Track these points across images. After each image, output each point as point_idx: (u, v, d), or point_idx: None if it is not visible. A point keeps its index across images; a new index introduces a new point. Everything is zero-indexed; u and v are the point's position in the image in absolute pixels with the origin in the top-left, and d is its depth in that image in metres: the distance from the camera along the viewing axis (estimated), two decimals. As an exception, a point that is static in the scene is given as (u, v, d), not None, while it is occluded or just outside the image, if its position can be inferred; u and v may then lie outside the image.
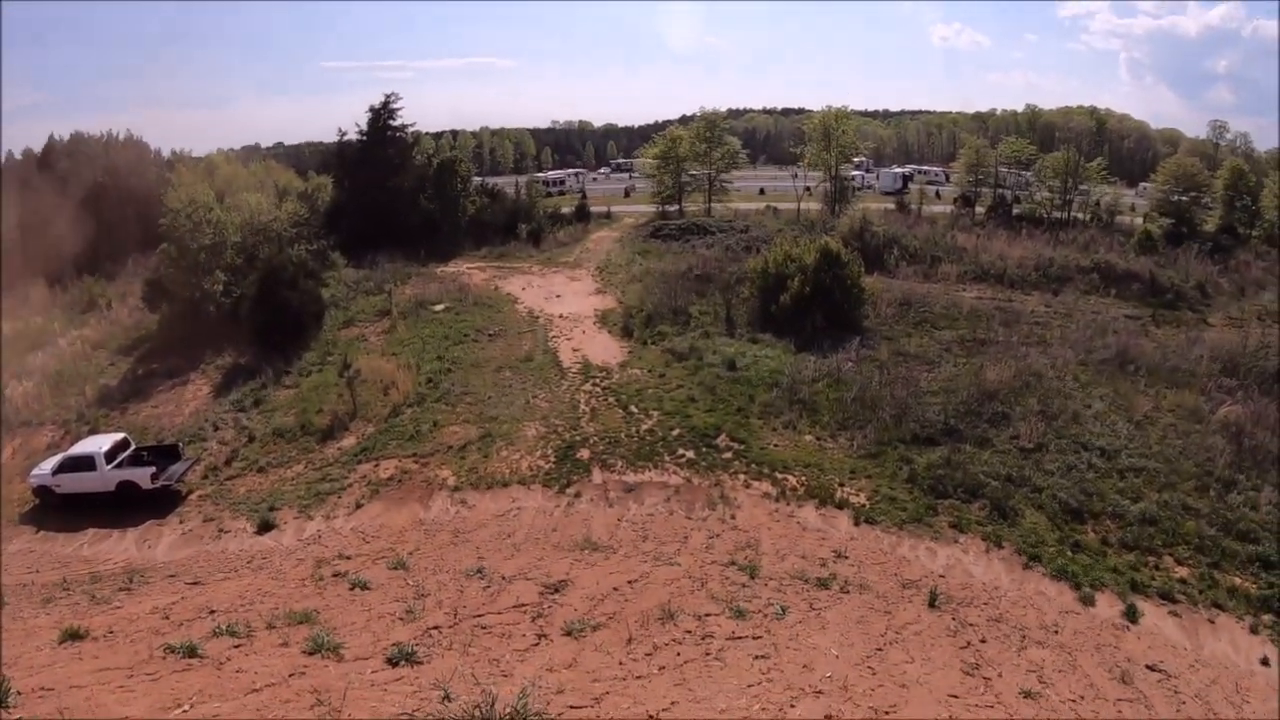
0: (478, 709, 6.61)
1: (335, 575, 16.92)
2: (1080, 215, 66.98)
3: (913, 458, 26.31)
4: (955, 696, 11.80)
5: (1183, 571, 21.29)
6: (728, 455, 26.75)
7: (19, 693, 8.03)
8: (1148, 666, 16.16)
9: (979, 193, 71.73)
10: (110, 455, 27.33)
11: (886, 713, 10.22)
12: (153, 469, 27.05)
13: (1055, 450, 26.58)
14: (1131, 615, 19.14)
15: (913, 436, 27.55)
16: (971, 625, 16.43)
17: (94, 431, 30.82)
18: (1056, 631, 17.32)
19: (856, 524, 23.08)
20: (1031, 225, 64.17)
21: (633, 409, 29.80)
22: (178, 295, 40.27)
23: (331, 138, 64.30)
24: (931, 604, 17.40)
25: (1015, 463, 25.82)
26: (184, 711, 7.82)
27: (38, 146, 75.43)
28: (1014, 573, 20.86)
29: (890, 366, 33.38)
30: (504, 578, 15.73)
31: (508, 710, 6.57)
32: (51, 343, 40.44)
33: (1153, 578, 20.86)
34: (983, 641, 15.48)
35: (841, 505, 23.94)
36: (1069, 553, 21.71)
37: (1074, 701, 13.25)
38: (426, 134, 73.28)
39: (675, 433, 27.99)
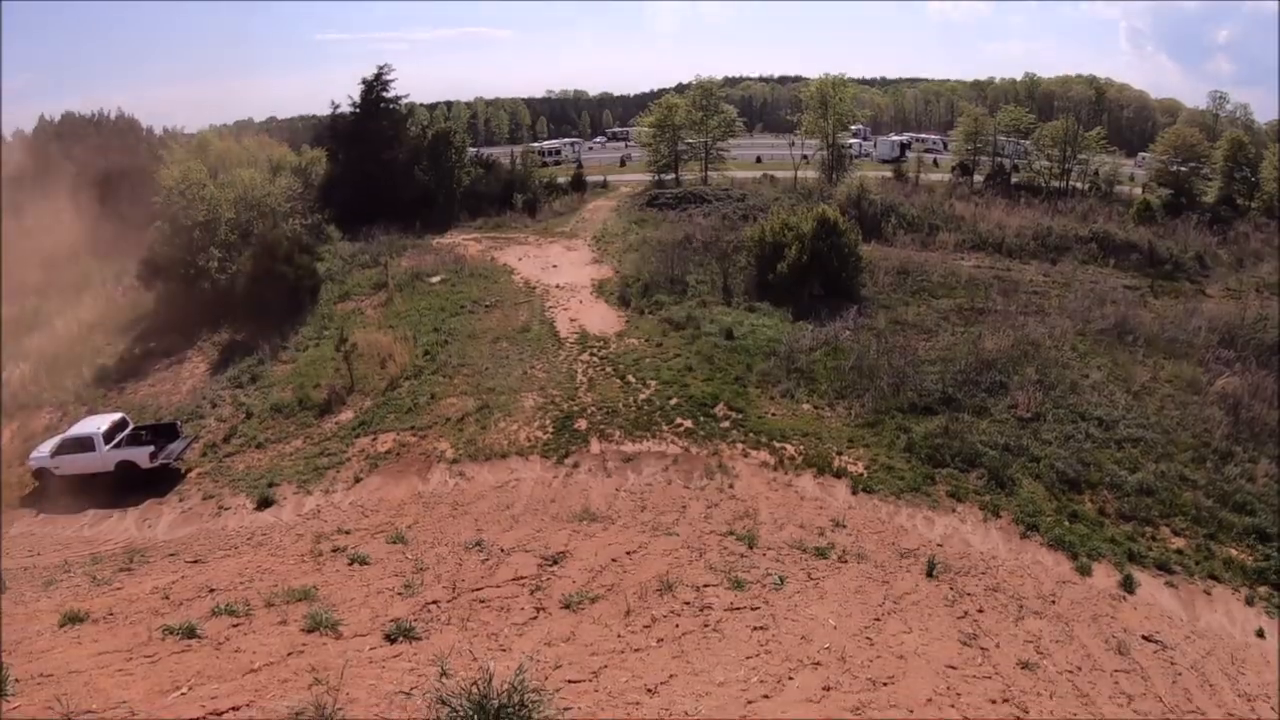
0: (475, 686, 6.59)
1: (334, 550, 16.84)
2: (1079, 184, 66.89)
3: (910, 427, 26.30)
4: (953, 668, 11.84)
5: (1179, 542, 21.35)
6: (726, 424, 26.68)
7: (18, 680, 8.02)
8: (1144, 637, 16.21)
9: (977, 161, 71.50)
10: (108, 435, 27.22)
11: (884, 684, 10.26)
12: (151, 448, 26.94)
13: (1053, 420, 26.58)
14: (1128, 585, 19.17)
15: (910, 405, 27.53)
16: (969, 595, 16.47)
17: (92, 412, 30.61)
18: (1054, 601, 17.34)
19: (854, 493, 23.06)
20: (1030, 194, 64.11)
21: (630, 379, 29.70)
22: (173, 273, 40.01)
23: (325, 111, 63.82)
24: (929, 573, 17.45)
25: (1013, 432, 25.79)
26: (181, 694, 7.82)
27: (28, 128, 74.89)
28: (1011, 542, 20.89)
29: (888, 335, 33.33)
30: (502, 550, 15.71)
31: (505, 686, 6.53)
32: (47, 324, 40.21)
33: (1149, 548, 20.90)
34: (980, 611, 15.52)
35: (839, 474, 23.91)
36: (1066, 522, 21.71)
37: (1071, 673, 13.30)
38: (421, 105, 73.06)
39: (673, 402, 27.90)
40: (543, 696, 6.72)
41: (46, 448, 27.47)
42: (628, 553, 15.97)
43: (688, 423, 26.68)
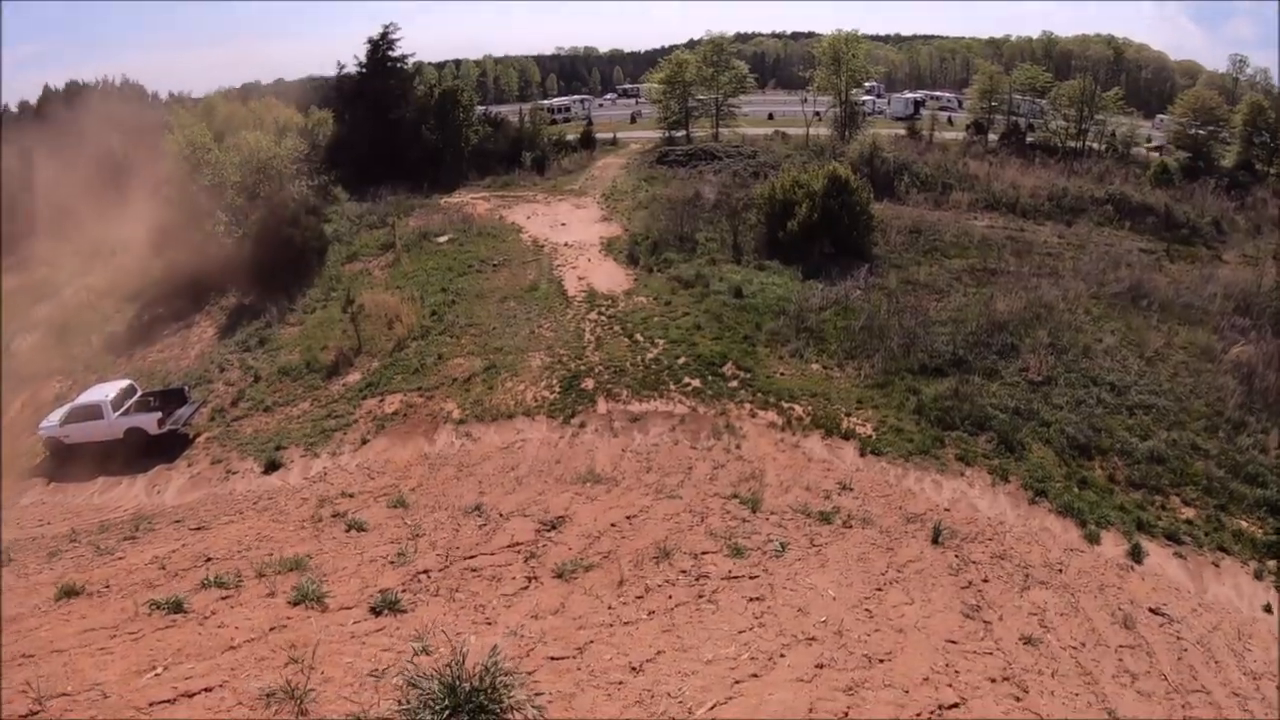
0: (448, 667, 6.41)
1: (334, 516, 16.82)
2: (1095, 145, 65.77)
3: (920, 388, 26.04)
4: (953, 642, 11.61)
5: (1189, 513, 21.09)
6: (734, 384, 26.53)
7: None
8: (1151, 610, 15.99)
9: (992, 120, 70.39)
10: (117, 403, 27.34)
11: (880, 661, 10.01)
12: (159, 414, 27.08)
13: (1064, 384, 26.21)
14: (1136, 555, 18.96)
15: (920, 367, 27.28)
16: (974, 563, 16.24)
17: (100, 380, 30.66)
18: (1060, 570, 17.15)
19: (862, 455, 22.90)
20: (1045, 154, 63.03)
21: (638, 337, 29.55)
22: (180, 238, 39.85)
23: (332, 72, 63.11)
24: (935, 540, 17.23)
25: (1023, 396, 25.48)
26: (156, 675, 7.70)
27: (33, 99, 74.41)
28: (1020, 507, 20.68)
29: (899, 295, 32.97)
30: (501, 514, 15.57)
31: (477, 668, 6.36)
32: (56, 293, 40.21)
33: (1159, 518, 20.67)
34: (985, 581, 15.29)
35: (848, 435, 23.73)
36: (1075, 489, 21.49)
37: (1075, 648, 13.08)
38: (429, 64, 72.34)
39: (681, 361, 27.73)
40: (514, 679, 6.53)
41: (56, 416, 27.62)
42: (628, 517, 15.81)
43: (696, 382, 26.53)
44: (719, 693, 8.21)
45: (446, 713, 6.18)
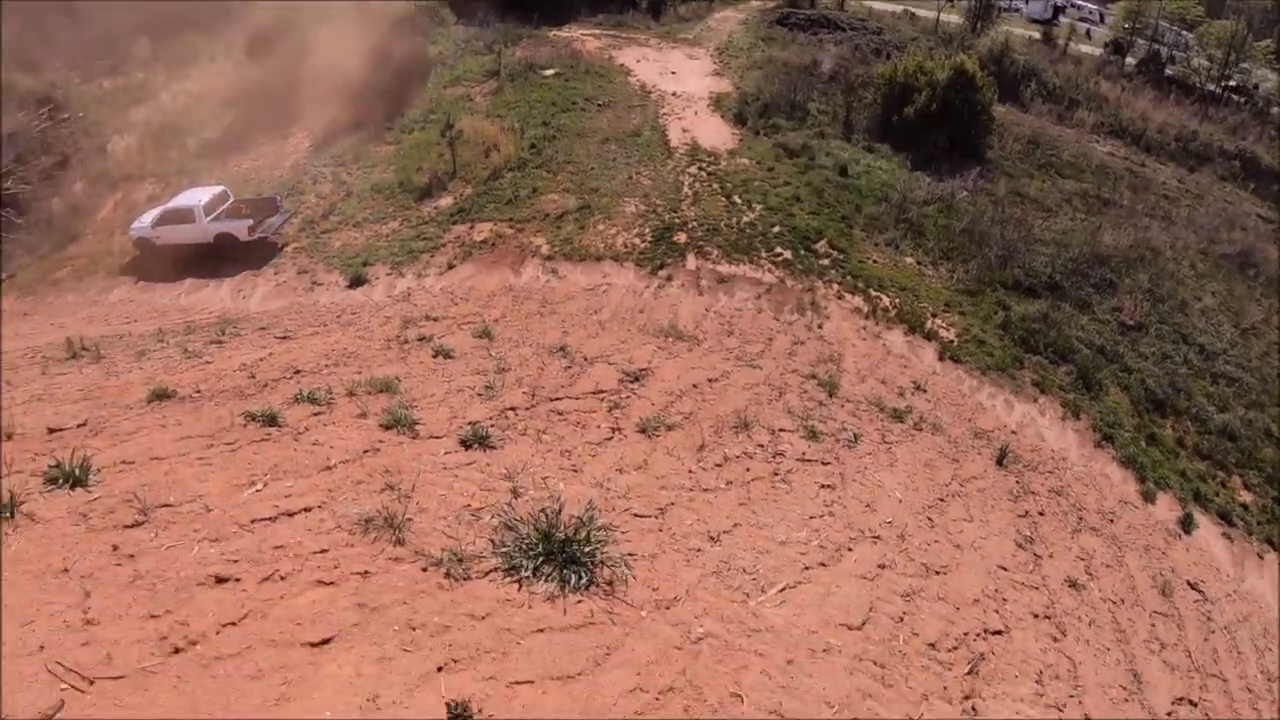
0: (543, 514, 6.71)
1: (420, 339, 17.07)
2: (1236, 95, 61.45)
3: (1010, 304, 25.44)
4: (1004, 569, 11.86)
5: (1247, 497, 20.60)
6: (825, 262, 26.08)
7: (99, 469, 8.15)
8: (1188, 583, 16.01)
9: (1133, 43, 65.75)
10: (209, 208, 27.49)
11: (937, 573, 10.32)
12: (250, 221, 27.27)
13: (1155, 335, 25.36)
14: (1186, 525, 18.69)
15: (1014, 282, 26.51)
16: (1033, 493, 16.31)
17: (194, 184, 30.68)
18: (1112, 520, 17.11)
19: (941, 359, 22.60)
20: (1182, 91, 58.96)
21: (736, 199, 29.01)
22: (281, 48, 39.38)
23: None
24: (999, 461, 17.27)
25: (1112, 336, 24.75)
26: (257, 491, 7.99)
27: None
28: (1085, 448, 20.39)
29: (1006, 205, 31.70)
30: (585, 359, 15.83)
31: (572, 520, 6.67)
32: (153, 97, 40.26)
33: (1217, 493, 20.25)
34: (1041, 514, 15.42)
35: (930, 336, 23.40)
36: (1143, 443, 21.07)
37: (1114, 603, 13.28)
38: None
39: (775, 230, 27.26)
40: (608, 535, 6.85)
41: (148, 218, 27.82)
42: (709, 380, 16.07)
43: (787, 253, 26.13)
44: (790, 575, 8.55)
45: (540, 560, 6.55)
